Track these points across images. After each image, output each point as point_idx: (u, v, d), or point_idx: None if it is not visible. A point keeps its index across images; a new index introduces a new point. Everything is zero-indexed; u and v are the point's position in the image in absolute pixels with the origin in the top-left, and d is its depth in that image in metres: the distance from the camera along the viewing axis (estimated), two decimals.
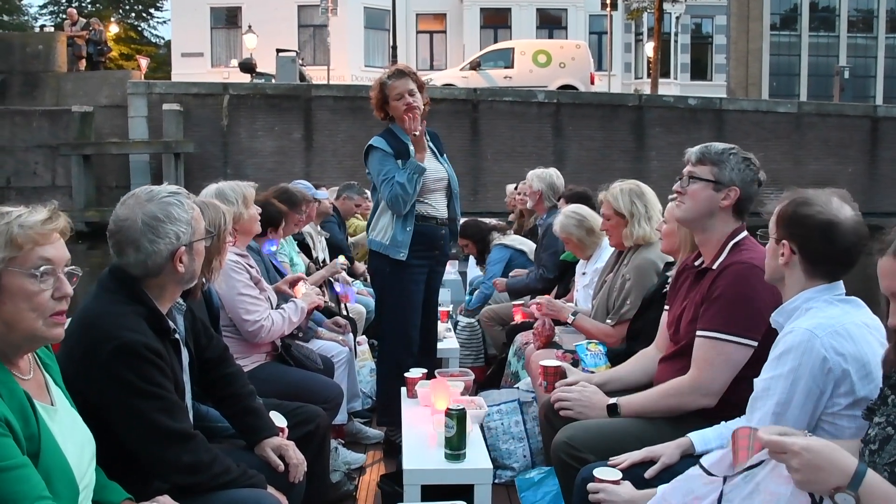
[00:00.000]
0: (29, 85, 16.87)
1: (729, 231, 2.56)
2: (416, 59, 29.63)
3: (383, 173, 3.97)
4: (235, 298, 3.36)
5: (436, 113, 16.99)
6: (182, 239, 2.14)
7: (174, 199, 2.16)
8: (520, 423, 3.76)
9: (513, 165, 16.76)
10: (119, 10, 35.72)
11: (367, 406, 4.80)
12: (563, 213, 4.60)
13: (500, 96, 17.27)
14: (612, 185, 3.90)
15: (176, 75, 27.23)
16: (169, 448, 2.06)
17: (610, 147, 17.09)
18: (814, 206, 2.00)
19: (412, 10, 30.32)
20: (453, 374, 3.70)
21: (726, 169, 2.51)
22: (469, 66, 20.41)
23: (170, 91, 16.36)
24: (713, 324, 2.43)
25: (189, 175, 15.86)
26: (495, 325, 5.58)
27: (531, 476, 3.41)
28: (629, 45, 31.48)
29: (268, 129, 16.37)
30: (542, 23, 30.36)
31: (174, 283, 2.20)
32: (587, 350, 3.32)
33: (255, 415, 2.52)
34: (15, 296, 1.66)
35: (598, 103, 17.60)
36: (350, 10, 28.39)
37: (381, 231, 4.08)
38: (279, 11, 28.39)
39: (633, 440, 2.39)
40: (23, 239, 1.65)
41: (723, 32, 31.72)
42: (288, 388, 3.23)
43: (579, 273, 4.62)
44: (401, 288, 4.12)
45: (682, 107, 17.76)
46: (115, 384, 2.00)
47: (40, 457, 1.64)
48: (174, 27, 30.12)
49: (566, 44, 22.27)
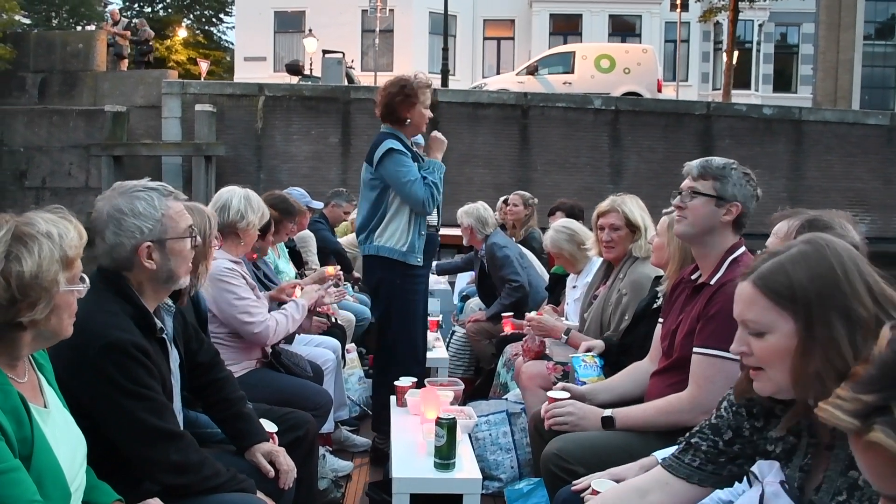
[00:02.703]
0: (67, 84, 16.52)
1: (727, 246, 2.56)
2: (482, 67, 28.65)
3: (409, 175, 3.94)
4: (235, 305, 3.38)
5: (483, 119, 16.16)
6: (146, 234, 2.14)
7: (145, 194, 2.17)
8: (508, 433, 3.78)
9: (564, 177, 15.49)
10: (190, 15, 35.89)
11: (354, 414, 4.86)
12: (553, 228, 4.60)
13: (553, 102, 15.94)
14: (617, 197, 3.90)
15: (238, 79, 26.93)
16: (156, 447, 2.06)
17: (672, 160, 15.45)
18: (835, 228, 2.01)
19: (479, 15, 29.37)
20: (443, 383, 3.75)
21: (728, 184, 2.52)
22: (525, 71, 19.08)
23: (204, 91, 15.69)
24: (712, 341, 2.42)
25: (220, 179, 15.13)
26: (482, 339, 5.62)
27: (520, 487, 3.42)
28: (707, 55, 29.60)
29: (304, 132, 15.50)
30: (615, 29, 28.84)
31: (152, 282, 2.20)
32: (583, 361, 3.29)
33: (245, 420, 2.54)
34: (62, 310, 1.75)
35: (662, 111, 16.07)
36: (415, 15, 27.69)
37: (394, 237, 4.04)
38: (343, 16, 27.85)
39: (622, 453, 2.39)
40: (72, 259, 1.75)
41: (810, 42, 29.63)
42: (278, 394, 3.26)
43: (569, 286, 4.60)
44: (410, 297, 4.17)
45: (755, 116, 16.06)
46: (103, 382, 2.01)
47: (32, 459, 1.66)
48: (238, 31, 29.98)
49: (632, 48, 20.79)
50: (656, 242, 3.18)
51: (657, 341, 2.89)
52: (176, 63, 31.89)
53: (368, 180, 4.12)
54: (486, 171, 15.42)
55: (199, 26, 36.12)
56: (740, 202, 2.51)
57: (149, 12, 34.65)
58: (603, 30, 28.56)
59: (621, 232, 3.79)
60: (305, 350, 4.13)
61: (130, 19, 25.29)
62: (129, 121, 15.51)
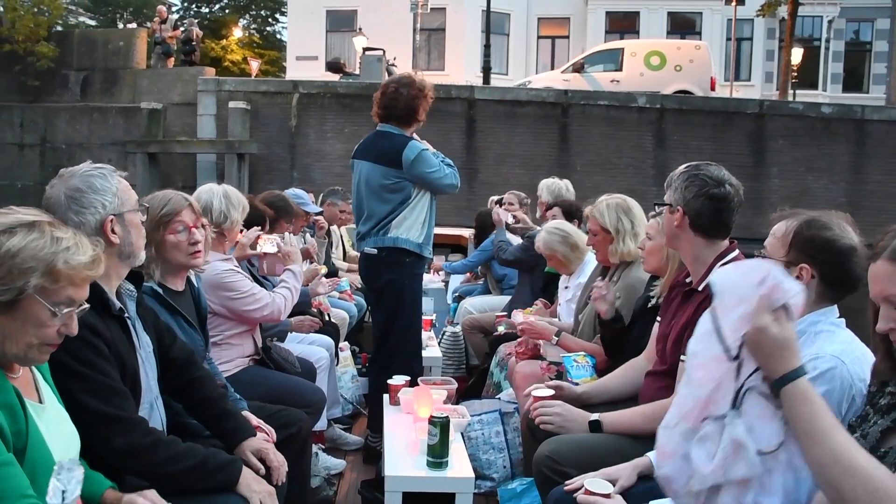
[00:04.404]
0: (108, 82, 16.64)
1: (716, 252, 2.62)
2: (535, 66, 28.02)
3: (434, 165, 4.03)
4: (241, 299, 3.44)
5: (521, 118, 15.56)
6: (109, 208, 2.19)
7: (96, 172, 2.23)
8: (500, 433, 3.79)
9: (606, 178, 14.76)
10: (246, 15, 36.26)
11: (347, 412, 4.90)
12: (545, 230, 4.60)
13: (594, 100, 15.24)
14: (599, 200, 3.88)
15: (288, 79, 26.96)
16: (96, 430, 2.02)
17: (721, 161, 13.91)
18: (833, 230, 2.04)
19: (534, 13, 28.80)
20: (436, 382, 3.75)
21: (671, 190, 2.67)
22: (571, 69, 18.41)
23: (239, 88, 15.52)
24: None
25: (254, 178, 14.97)
26: (476, 333, 5.64)
27: (513, 486, 3.43)
28: (771, 53, 28.31)
29: (338, 130, 15.17)
30: (674, 27, 27.90)
31: (114, 258, 2.21)
32: (574, 362, 3.32)
33: (230, 418, 2.52)
34: (26, 319, 1.69)
35: (710, 110, 15.20)
36: (468, 13, 27.28)
37: (412, 229, 4.07)
38: (394, 15, 27.60)
39: (614, 455, 2.40)
40: (62, 276, 1.70)
41: (885, 38, 28.04)
42: (271, 391, 3.30)
43: (562, 287, 4.62)
44: (416, 298, 4.27)
45: (812, 115, 15.03)
46: (52, 363, 1.95)
47: (26, 453, 1.66)
48: (290, 31, 30.13)
49: (684, 44, 19.87)
50: (649, 246, 3.17)
51: (653, 340, 2.94)
52: (231, 63, 32.24)
53: (385, 185, 4.07)
54: (523, 171, 14.82)
55: (256, 26, 36.46)
56: (682, 206, 2.59)
57: (206, 13, 35.14)
58: (661, 27, 27.66)
59: (598, 237, 3.80)
60: (299, 348, 4.17)
61: (182, 18, 25.48)
62: (165, 118, 15.49)
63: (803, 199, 14.10)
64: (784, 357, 1.59)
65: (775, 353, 1.59)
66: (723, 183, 2.59)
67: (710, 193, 2.56)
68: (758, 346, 1.60)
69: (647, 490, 2.21)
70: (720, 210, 2.59)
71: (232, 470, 2.22)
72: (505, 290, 6.46)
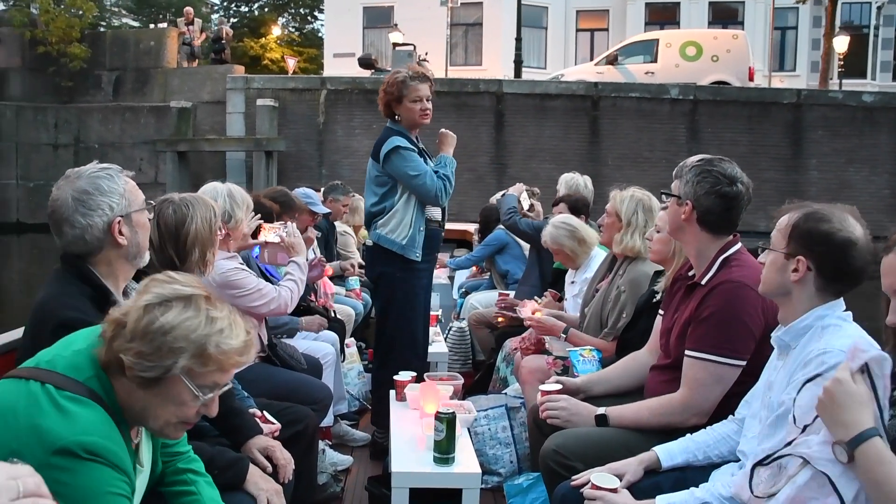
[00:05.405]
0: (140, 81, 16.88)
1: (719, 245, 2.59)
2: (574, 59, 27.60)
3: (417, 169, 4.02)
4: (247, 296, 3.41)
5: (550, 111, 15.27)
6: (116, 210, 2.17)
7: (103, 173, 2.19)
8: (507, 428, 3.79)
9: (637, 173, 14.42)
10: (285, 13, 36.47)
11: (353, 408, 4.86)
12: (552, 224, 4.56)
13: (626, 92, 14.93)
14: (628, 188, 3.88)
15: (326, 76, 27.06)
16: None
17: (758, 153, 14.20)
18: (832, 222, 2.02)
19: (572, 6, 28.36)
20: (442, 377, 3.74)
21: (682, 183, 2.59)
22: (605, 61, 18.03)
23: (267, 86, 15.57)
24: (704, 344, 2.44)
25: (282, 175, 15.00)
26: (482, 328, 5.60)
27: (520, 482, 3.37)
28: (817, 42, 27.39)
29: (366, 126, 15.11)
30: (716, 17, 27.12)
31: (121, 259, 2.20)
32: (580, 356, 3.31)
33: (236, 415, 2.53)
34: (168, 397, 1.65)
35: (746, 100, 14.76)
36: (505, 8, 27.00)
37: (396, 230, 4.10)
38: (430, 10, 27.43)
39: (621, 449, 2.39)
40: (212, 360, 1.63)
41: None
42: (277, 388, 3.27)
43: (568, 282, 4.61)
44: (410, 291, 4.21)
45: (853, 104, 14.51)
46: None
47: None
48: (327, 28, 30.18)
49: (721, 33, 19.33)
50: (657, 238, 3.15)
51: (656, 333, 2.93)
52: (270, 61, 32.44)
53: (375, 177, 4.18)
54: (552, 165, 14.57)
55: (296, 24, 36.66)
56: (691, 201, 2.54)
57: (245, 11, 35.43)
58: (703, 18, 26.93)
59: (610, 220, 3.84)
60: (304, 344, 4.16)
61: (207, 20, 25.69)
62: (195, 116, 15.61)
63: (843, 191, 13.61)
64: (860, 413, 1.61)
65: (850, 408, 1.62)
66: (735, 181, 2.53)
67: (721, 192, 2.52)
68: (832, 400, 1.64)
69: (653, 485, 2.23)
70: (730, 209, 2.55)
71: (239, 468, 2.23)
72: (510, 284, 6.30)
